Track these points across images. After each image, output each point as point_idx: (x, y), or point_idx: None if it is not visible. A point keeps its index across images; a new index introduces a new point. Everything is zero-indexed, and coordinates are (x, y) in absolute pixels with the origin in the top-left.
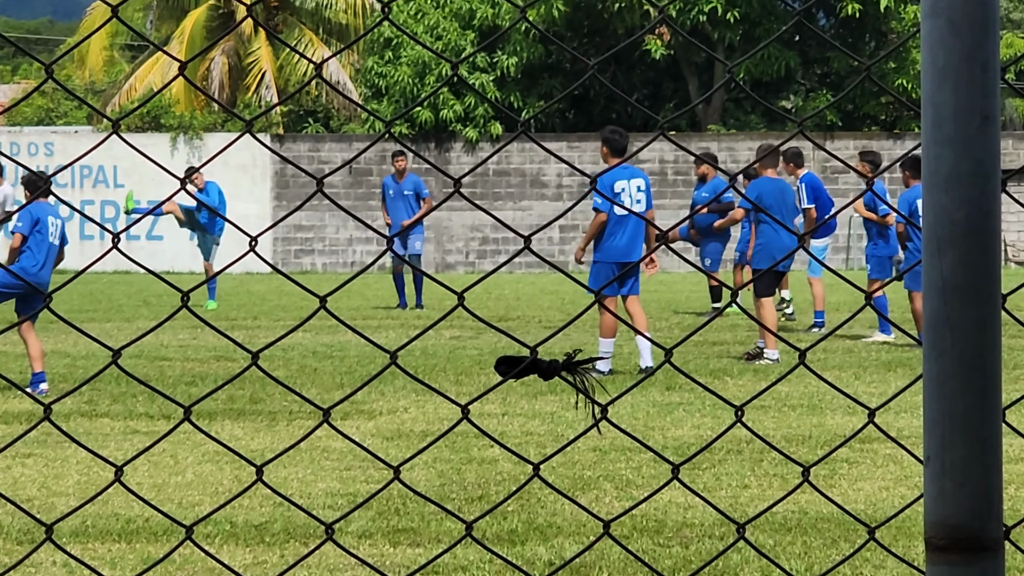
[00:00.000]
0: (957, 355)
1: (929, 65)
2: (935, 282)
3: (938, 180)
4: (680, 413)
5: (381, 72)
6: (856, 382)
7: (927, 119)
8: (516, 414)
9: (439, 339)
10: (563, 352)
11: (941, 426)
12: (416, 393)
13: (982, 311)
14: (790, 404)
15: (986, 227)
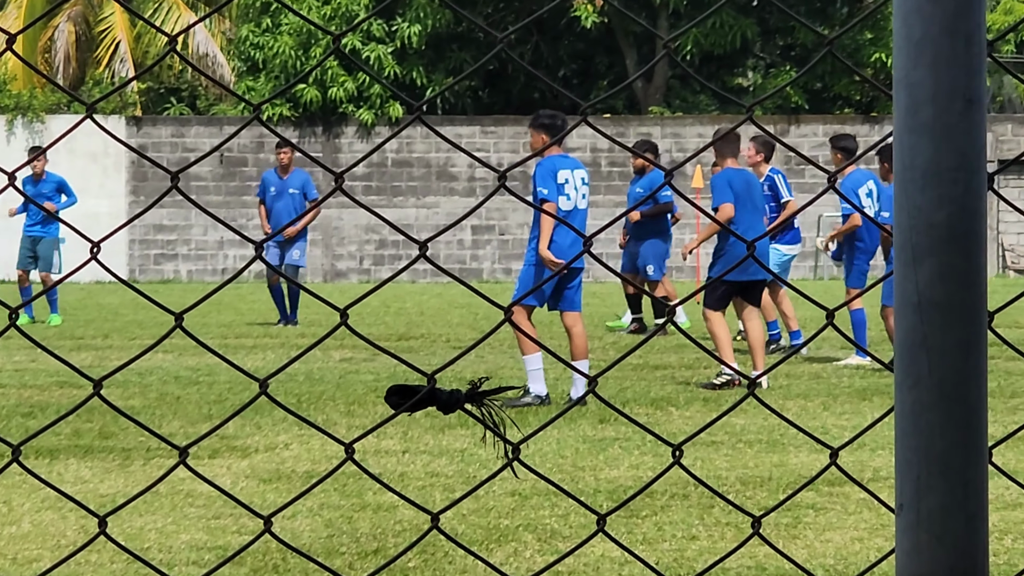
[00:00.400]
0: (935, 383)
1: (903, 39)
2: (909, 297)
3: (913, 175)
4: (615, 450)
5: (258, 43)
6: (825, 413)
7: (900, 103)
8: (419, 451)
9: (327, 362)
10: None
11: (916, 468)
12: (299, 426)
13: (965, 331)
14: (746, 440)
15: (970, 231)
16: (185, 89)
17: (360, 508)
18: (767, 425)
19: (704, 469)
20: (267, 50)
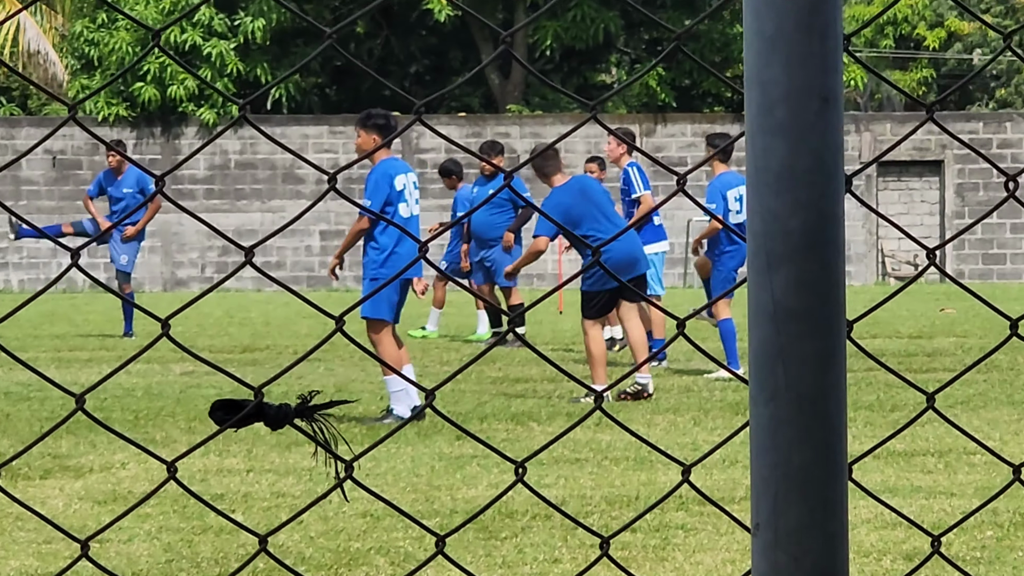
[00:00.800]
0: (792, 397)
1: (755, 34)
2: (764, 306)
3: (767, 179)
4: (473, 468)
5: (92, 39)
6: (695, 429)
7: (753, 102)
8: (264, 470)
9: (167, 376)
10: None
11: (773, 485)
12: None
13: (823, 341)
14: (612, 457)
15: (827, 237)
16: (16, 88)
17: (202, 531)
18: (635, 442)
19: (568, 488)
20: (103, 47)
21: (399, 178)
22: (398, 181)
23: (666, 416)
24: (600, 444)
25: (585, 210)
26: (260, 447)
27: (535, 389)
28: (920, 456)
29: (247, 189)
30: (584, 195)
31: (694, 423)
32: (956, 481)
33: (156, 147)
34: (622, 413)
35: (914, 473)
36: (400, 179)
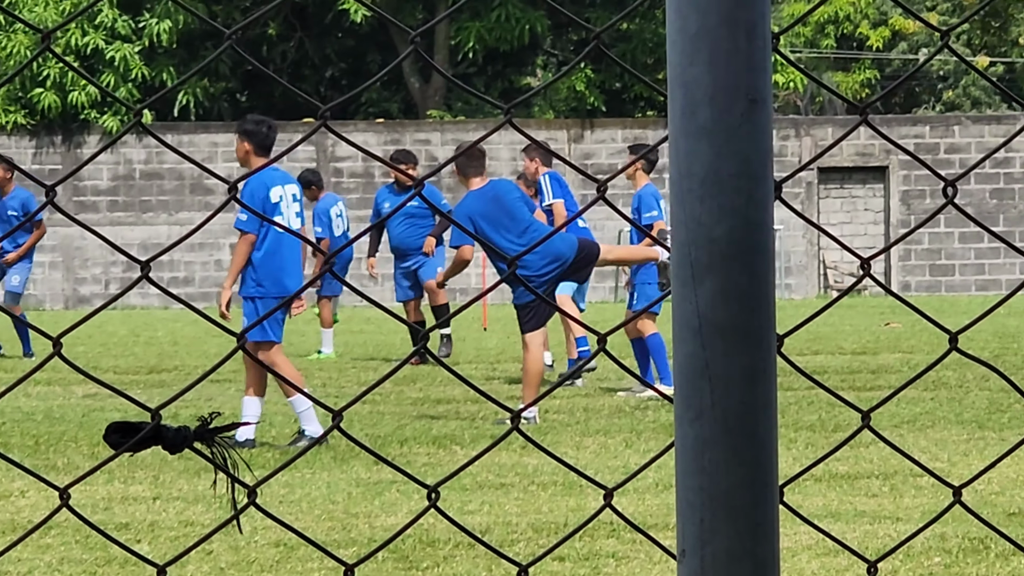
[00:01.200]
0: (719, 416)
1: (677, 32)
2: (689, 320)
3: (691, 184)
4: (392, 495)
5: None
6: (627, 451)
7: (676, 104)
8: (172, 497)
9: (69, 399)
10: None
11: (699, 509)
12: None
13: (751, 357)
14: (539, 482)
15: (755, 246)
16: None
17: (105, 562)
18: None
19: (493, 514)
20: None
21: (275, 189)
22: (274, 193)
23: (596, 438)
24: (526, 468)
25: (497, 218)
26: (167, 473)
27: (458, 411)
28: (864, 479)
29: (153, 200)
30: (497, 201)
31: (625, 445)
32: (902, 505)
33: (57, 156)
34: (550, 435)
35: (858, 497)
36: (276, 191)
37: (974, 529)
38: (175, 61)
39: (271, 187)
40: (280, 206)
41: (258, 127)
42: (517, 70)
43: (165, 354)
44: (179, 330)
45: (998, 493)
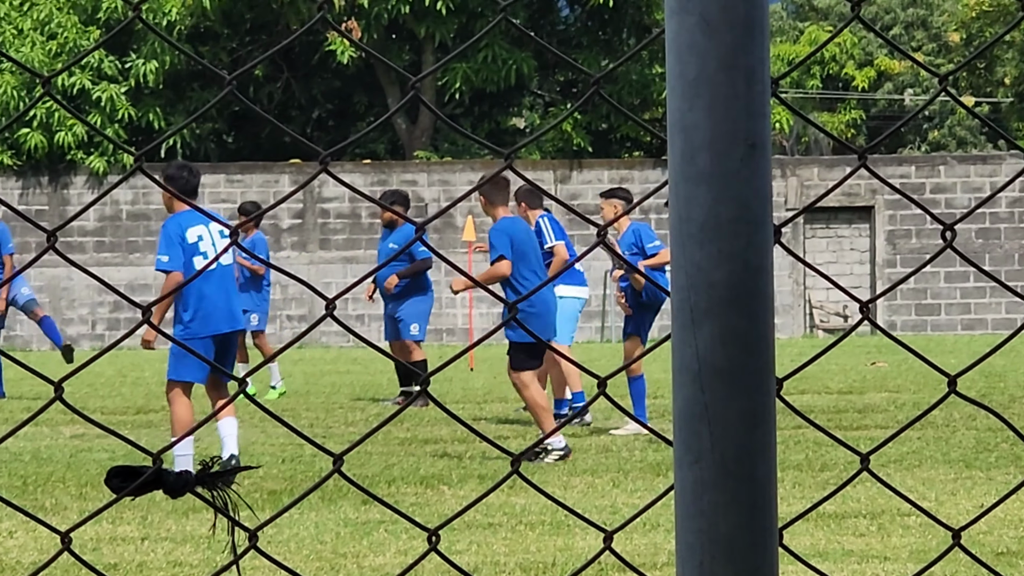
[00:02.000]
0: (718, 459)
1: (677, 78)
2: (688, 363)
3: (691, 229)
4: (381, 535)
5: None
6: (615, 491)
7: (675, 149)
8: (160, 538)
9: (56, 439)
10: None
11: (699, 552)
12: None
13: (751, 400)
14: (527, 521)
15: (755, 290)
16: None
17: None
18: (550, 505)
19: (481, 554)
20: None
21: (192, 230)
22: (190, 233)
23: (583, 478)
24: (514, 508)
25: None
26: (156, 514)
27: (445, 450)
28: (852, 518)
29: (140, 242)
30: (527, 234)
31: (613, 484)
32: (890, 544)
33: (43, 197)
34: (537, 474)
35: (846, 536)
36: (194, 231)
37: (962, 569)
38: (161, 102)
39: (187, 228)
40: (199, 245)
41: (179, 172)
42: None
43: (152, 394)
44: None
45: (986, 532)
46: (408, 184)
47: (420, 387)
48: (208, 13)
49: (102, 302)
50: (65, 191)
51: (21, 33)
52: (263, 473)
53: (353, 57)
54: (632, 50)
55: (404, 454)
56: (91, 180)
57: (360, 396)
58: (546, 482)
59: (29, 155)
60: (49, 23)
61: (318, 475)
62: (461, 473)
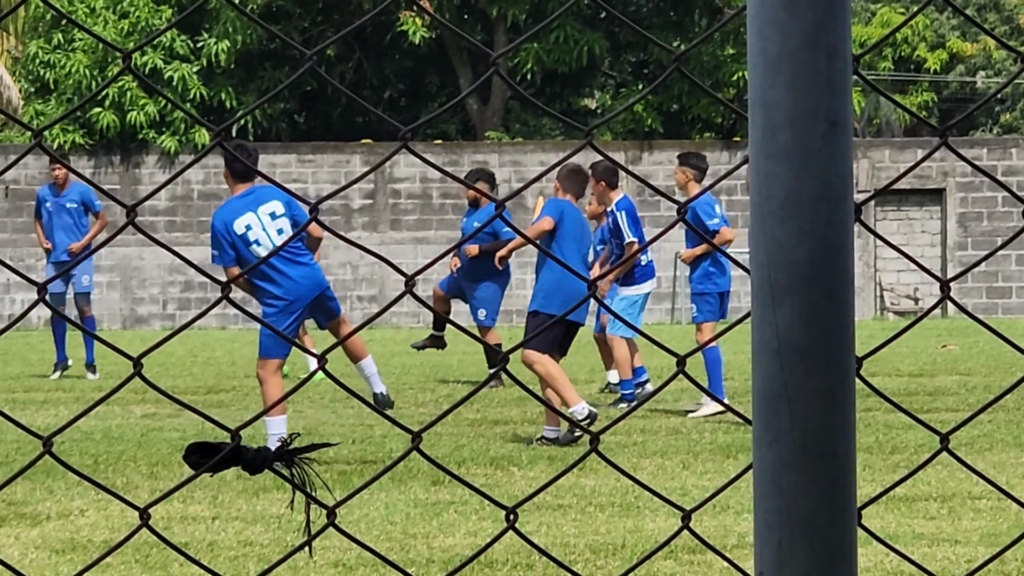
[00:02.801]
0: (797, 438)
1: (758, 55)
2: (768, 342)
3: (771, 207)
4: (451, 515)
5: (48, 61)
6: (684, 473)
7: (756, 126)
8: (231, 517)
9: (127, 418)
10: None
11: (777, 532)
12: (96, 491)
13: (830, 379)
14: (597, 503)
15: (835, 268)
16: None
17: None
18: (620, 486)
19: (550, 535)
20: (59, 69)
21: (238, 221)
22: (238, 225)
23: (653, 459)
24: (584, 489)
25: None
26: (226, 493)
27: (515, 432)
28: (922, 501)
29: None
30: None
31: (683, 467)
32: (960, 528)
33: (115, 176)
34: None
35: (916, 519)
36: (241, 220)
37: None
38: (233, 81)
39: (232, 222)
40: (248, 235)
41: (237, 151)
42: (575, 92)
43: (223, 374)
44: (236, 350)
45: None
46: (479, 164)
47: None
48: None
49: (173, 281)
50: (136, 170)
51: (93, 12)
52: (333, 453)
53: (425, 37)
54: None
55: (474, 435)
56: (163, 160)
57: (430, 377)
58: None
59: (101, 134)
60: (121, 2)
61: (388, 455)
62: (531, 454)
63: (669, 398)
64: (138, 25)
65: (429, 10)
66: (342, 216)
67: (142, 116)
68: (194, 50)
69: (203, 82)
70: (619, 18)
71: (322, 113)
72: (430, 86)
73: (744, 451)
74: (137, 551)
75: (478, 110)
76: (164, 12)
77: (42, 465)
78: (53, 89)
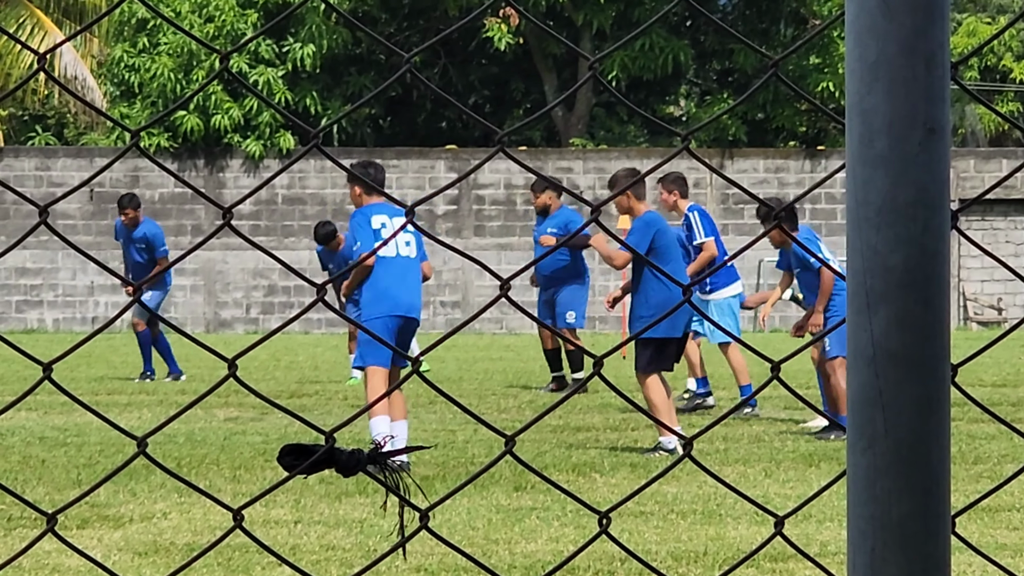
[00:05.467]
0: (892, 445)
1: (856, 60)
2: (863, 348)
3: (867, 213)
4: (533, 521)
5: (133, 65)
6: (767, 481)
7: (853, 132)
8: (313, 522)
9: (211, 421)
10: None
11: (870, 539)
12: (179, 493)
13: (925, 386)
14: (679, 510)
15: (931, 275)
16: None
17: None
18: (702, 494)
19: (632, 542)
20: (143, 73)
21: (377, 217)
22: (375, 220)
23: (735, 468)
24: (666, 496)
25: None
26: (308, 497)
27: (597, 438)
28: (1005, 512)
29: (295, 226)
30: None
31: (765, 475)
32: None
33: (199, 180)
34: (688, 464)
35: (999, 529)
36: (378, 219)
37: None
38: (318, 86)
39: (371, 216)
40: (381, 232)
41: (366, 169)
42: (660, 99)
43: (306, 379)
44: (319, 355)
45: None
46: (564, 171)
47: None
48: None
49: (256, 286)
50: (221, 174)
51: (179, 15)
52: (415, 458)
53: (510, 43)
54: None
55: (556, 442)
56: (247, 163)
57: (513, 383)
58: (697, 471)
59: (185, 138)
60: (207, 6)
61: (471, 461)
62: (613, 461)
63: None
64: (223, 29)
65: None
66: (426, 222)
67: (227, 120)
68: (279, 54)
69: (288, 87)
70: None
71: (407, 118)
72: (515, 92)
73: (827, 459)
74: (219, 554)
75: (563, 117)
76: (250, 16)
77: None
78: (138, 93)
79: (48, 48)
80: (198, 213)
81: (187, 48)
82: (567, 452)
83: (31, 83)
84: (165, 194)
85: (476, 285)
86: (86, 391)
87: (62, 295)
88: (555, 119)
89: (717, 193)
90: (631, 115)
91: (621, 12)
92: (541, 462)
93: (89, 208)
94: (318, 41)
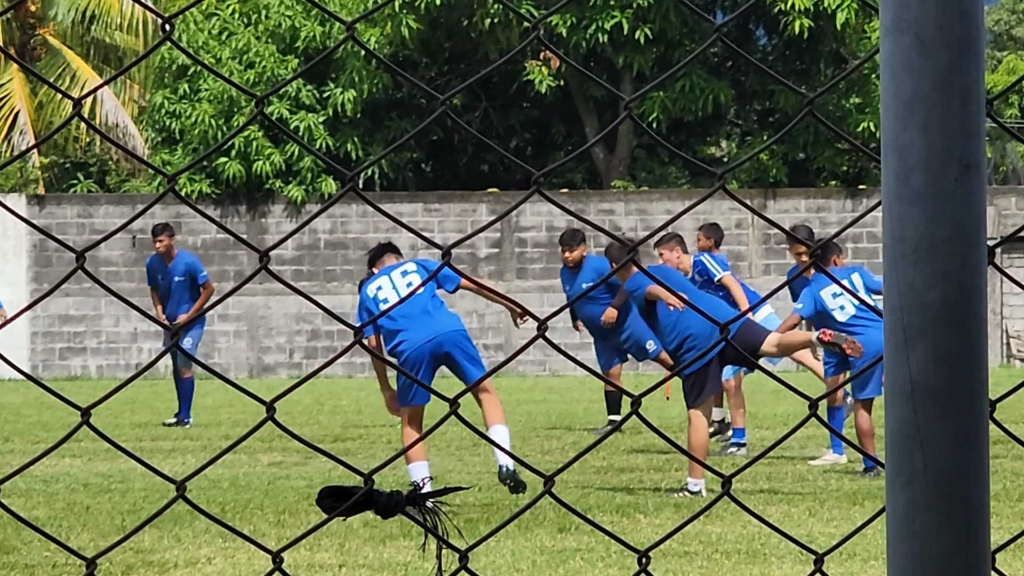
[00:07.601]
0: (931, 481)
1: (891, 97)
2: (901, 384)
3: (904, 249)
4: (577, 562)
5: (173, 111)
6: (811, 520)
7: (889, 168)
8: (358, 565)
9: (254, 466)
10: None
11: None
12: (223, 539)
13: (964, 421)
14: (723, 550)
15: (968, 310)
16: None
17: None
18: (746, 534)
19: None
20: (184, 119)
21: (371, 287)
22: (369, 290)
23: (779, 506)
24: (710, 536)
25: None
26: (353, 541)
27: (641, 479)
28: None
29: (337, 271)
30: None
31: (809, 514)
32: None
33: (242, 226)
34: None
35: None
36: (372, 287)
37: None
38: (359, 131)
39: (367, 287)
40: (379, 294)
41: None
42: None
43: (350, 423)
44: (363, 399)
45: None
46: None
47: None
48: (407, 42)
49: (300, 331)
50: (263, 220)
51: (219, 62)
52: (459, 500)
53: (551, 86)
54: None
55: (600, 483)
56: (289, 209)
57: (556, 425)
58: (740, 511)
59: (227, 184)
60: (247, 52)
61: (514, 502)
62: (657, 502)
63: (796, 444)
64: (264, 75)
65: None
66: (468, 265)
67: (268, 166)
68: (320, 100)
69: (329, 132)
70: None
71: (448, 162)
72: (556, 135)
73: (870, 498)
74: None
75: (604, 159)
76: (290, 62)
77: (169, 513)
78: (179, 139)
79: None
80: (240, 259)
81: (227, 95)
82: (611, 494)
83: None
84: (207, 240)
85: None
86: (130, 437)
87: (105, 342)
88: (596, 161)
89: (759, 233)
90: (672, 157)
91: (661, 54)
92: (585, 503)
93: (132, 255)
94: (359, 86)
